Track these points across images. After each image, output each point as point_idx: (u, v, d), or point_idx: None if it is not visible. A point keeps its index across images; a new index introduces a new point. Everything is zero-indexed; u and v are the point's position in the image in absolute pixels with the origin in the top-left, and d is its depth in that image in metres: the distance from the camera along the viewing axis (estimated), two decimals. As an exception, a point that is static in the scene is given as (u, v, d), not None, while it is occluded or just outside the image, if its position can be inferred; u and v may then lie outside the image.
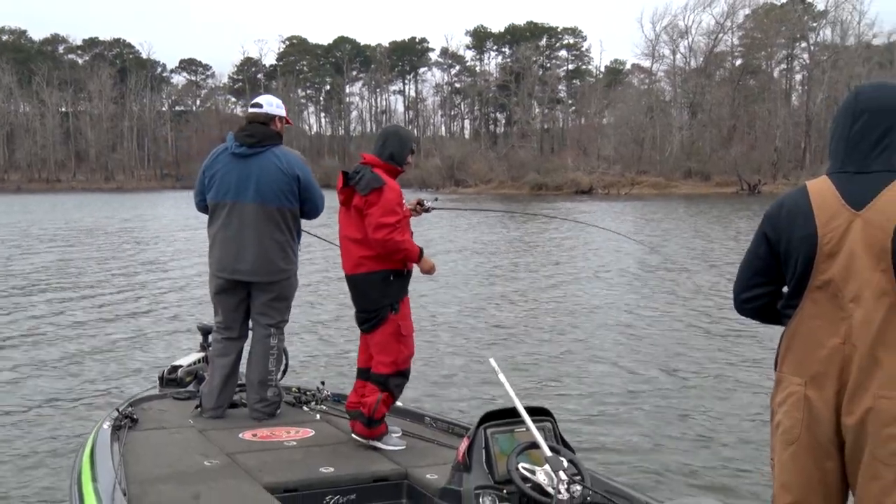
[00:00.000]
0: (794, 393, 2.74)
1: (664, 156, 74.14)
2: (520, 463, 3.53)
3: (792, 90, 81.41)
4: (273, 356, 5.30)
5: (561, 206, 46.40)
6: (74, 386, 8.60)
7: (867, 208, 2.62)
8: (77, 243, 26.00)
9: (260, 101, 5.39)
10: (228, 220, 5.20)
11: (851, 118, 2.73)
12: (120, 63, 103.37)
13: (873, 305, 2.60)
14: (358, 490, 4.18)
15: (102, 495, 3.68)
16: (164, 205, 52.95)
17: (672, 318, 12.56)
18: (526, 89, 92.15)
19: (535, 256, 22.00)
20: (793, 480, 2.76)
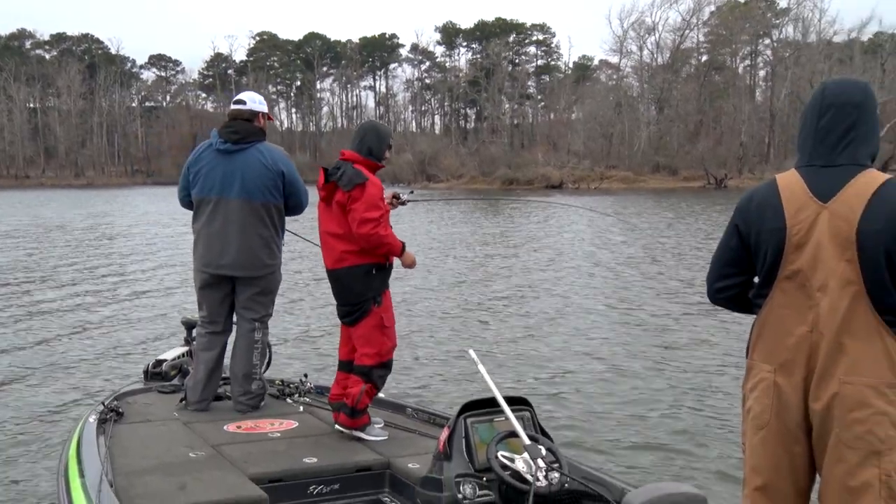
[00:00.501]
0: (764, 379, 2.81)
1: (632, 150, 74.42)
2: (499, 451, 3.56)
3: (756, 86, 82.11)
4: (257, 350, 5.32)
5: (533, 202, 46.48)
6: (59, 380, 8.53)
7: (833, 200, 2.68)
8: (54, 239, 25.65)
9: (243, 97, 5.38)
10: (213, 216, 5.20)
11: (818, 113, 2.80)
12: (89, 59, 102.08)
13: (839, 294, 2.67)
14: (341, 480, 4.21)
15: (89, 487, 3.67)
16: (136, 201, 52.41)
17: (646, 308, 12.65)
18: (496, 85, 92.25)
19: (508, 247, 22.05)
20: (763, 464, 2.83)
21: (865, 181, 2.67)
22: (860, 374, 2.65)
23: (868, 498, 2.65)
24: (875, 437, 2.64)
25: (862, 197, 2.64)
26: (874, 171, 2.71)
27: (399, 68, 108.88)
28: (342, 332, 4.90)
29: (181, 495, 3.69)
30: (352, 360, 4.82)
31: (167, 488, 3.76)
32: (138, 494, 3.68)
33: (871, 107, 2.79)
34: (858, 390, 2.64)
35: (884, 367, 2.65)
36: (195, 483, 3.83)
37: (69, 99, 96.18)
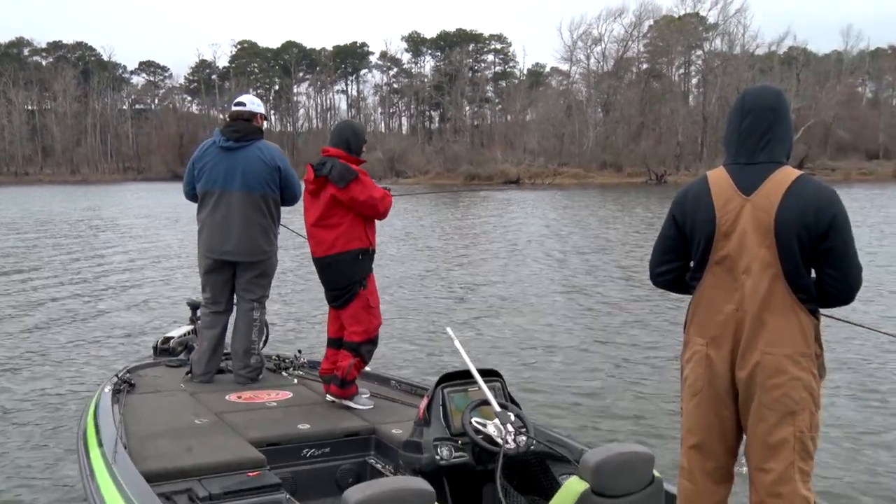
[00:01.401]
0: (698, 352, 2.89)
1: (582, 149, 74.52)
2: (473, 418, 3.62)
3: (689, 92, 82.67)
4: (256, 327, 5.35)
5: (493, 196, 46.35)
6: (77, 355, 8.55)
7: (755, 194, 2.77)
8: (62, 231, 25.22)
9: (243, 100, 5.39)
10: (217, 207, 5.21)
11: (740, 117, 2.86)
12: (83, 65, 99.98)
13: (760, 276, 2.75)
14: (331, 444, 4.25)
15: (106, 450, 3.70)
16: (129, 195, 51.52)
17: (598, 290, 12.77)
18: (458, 90, 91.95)
19: (472, 238, 22.07)
20: (696, 425, 2.92)
21: (782, 177, 2.76)
22: (778, 345, 2.74)
23: (785, 452, 2.75)
24: (790, 400, 2.74)
25: (779, 191, 2.74)
26: (789, 168, 2.80)
27: (369, 74, 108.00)
28: (330, 313, 4.92)
29: (188, 457, 3.72)
30: (340, 338, 4.84)
31: (175, 451, 3.79)
32: (149, 456, 3.71)
33: (784, 110, 2.87)
34: (777, 360, 2.74)
35: (798, 339, 2.75)
36: (200, 446, 3.86)
37: (65, 102, 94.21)
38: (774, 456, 2.76)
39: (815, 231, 2.70)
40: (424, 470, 3.57)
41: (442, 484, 3.59)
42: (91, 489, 3.55)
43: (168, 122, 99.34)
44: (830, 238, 2.71)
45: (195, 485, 3.45)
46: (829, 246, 2.72)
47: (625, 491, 2.79)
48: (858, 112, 73.50)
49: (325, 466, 4.20)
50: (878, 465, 5.53)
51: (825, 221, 2.70)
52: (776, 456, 2.75)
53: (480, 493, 3.71)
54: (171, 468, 3.60)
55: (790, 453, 2.74)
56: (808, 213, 2.69)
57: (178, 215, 30.52)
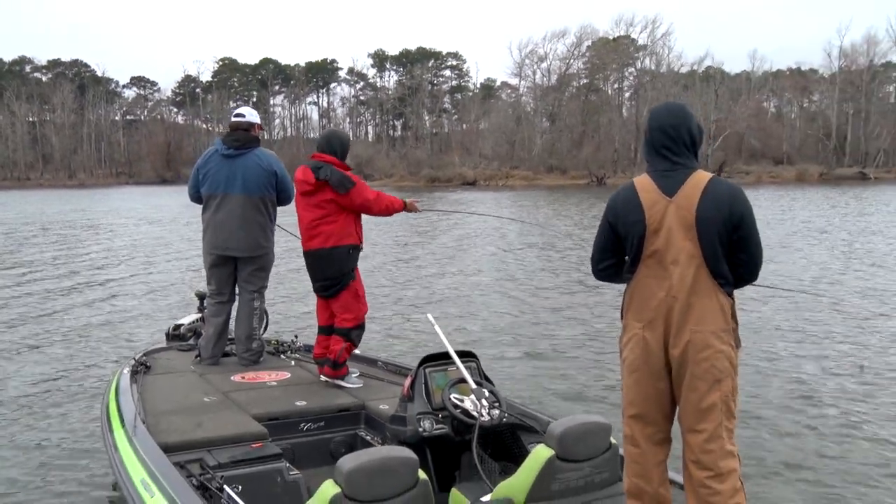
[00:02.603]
0: (636, 335, 2.94)
1: (531, 154, 74.72)
2: (451, 394, 3.66)
3: (623, 104, 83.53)
4: (256, 315, 5.34)
5: (452, 196, 46.29)
6: (98, 341, 8.52)
7: (676, 195, 2.85)
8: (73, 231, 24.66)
9: (242, 111, 5.36)
10: (219, 208, 5.19)
11: (659, 131, 2.93)
12: (79, 80, 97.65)
13: (686, 265, 2.84)
14: (326, 418, 4.27)
15: (126, 424, 3.73)
16: (123, 198, 50.43)
17: (555, 283, 12.83)
18: (420, 101, 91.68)
19: (438, 239, 21.91)
20: (636, 398, 2.97)
21: (697, 179, 2.86)
22: (704, 324, 2.82)
23: (714, 414, 2.84)
24: (716, 370, 2.83)
25: (696, 191, 2.83)
26: (702, 171, 2.90)
27: (338, 87, 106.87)
28: (319, 302, 4.91)
29: (199, 430, 3.73)
30: (331, 325, 4.85)
31: (187, 425, 3.80)
32: (165, 430, 3.71)
33: (690, 122, 2.94)
34: (704, 336, 2.82)
35: (720, 318, 2.84)
36: (210, 421, 3.87)
37: (63, 114, 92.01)
38: (705, 418, 2.84)
39: (729, 223, 2.82)
40: (409, 441, 3.59)
41: (425, 453, 3.63)
42: (115, 459, 3.57)
43: (156, 132, 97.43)
44: (742, 228, 2.84)
45: (206, 455, 3.47)
46: (741, 235, 2.85)
47: (585, 456, 2.87)
48: (765, 124, 75.26)
49: (320, 438, 4.21)
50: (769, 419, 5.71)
51: (738, 214, 2.82)
52: (707, 418, 2.84)
53: (459, 460, 3.74)
54: (184, 440, 3.61)
55: (718, 415, 2.84)
56: (723, 208, 2.81)
57: (175, 216, 30.21)
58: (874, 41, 75.40)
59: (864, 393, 6.49)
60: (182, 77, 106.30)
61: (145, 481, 3.17)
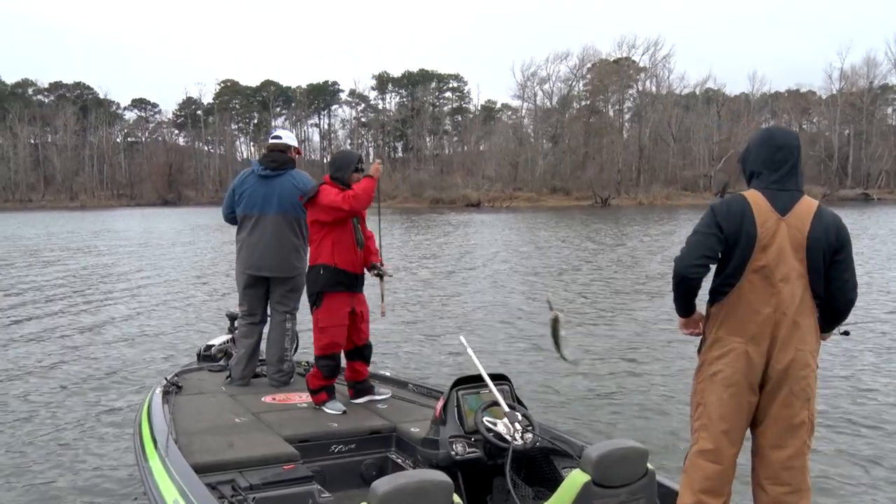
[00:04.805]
0: (735, 349, 2.95)
1: (534, 176, 75.01)
2: (484, 417, 3.62)
3: (623, 126, 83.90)
4: (288, 336, 5.33)
5: (457, 218, 46.10)
6: (131, 362, 8.53)
7: (789, 215, 2.93)
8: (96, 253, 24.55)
9: (280, 133, 5.40)
10: (255, 229, 5.20)
11: (773, 149, 3.00)
12: (81, 102, 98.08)
13: (795, 284, 2.91)
14: (357, 440, 4.23)
15: (159, 444, 3.71)
16: (128, 220, 50.37)
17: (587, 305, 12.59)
18: (422, 123, 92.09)
19: (455, 258, 21.48)
20: (729, 412, 2.97)
21: (808, 203, 2.97)
22: (806, 343, 2.92)
23: (802, 431, 2.94)
24: (810, 388, 2.93)
25: (808, 214, 2.94)
26: (808, 196, 2.99)
27: (339, 109, 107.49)
28: None
29: (230, 451, 3.72)
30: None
31: (219, 446, 3.80)
32: (196, 450, 3.71)
33: (800, 149, 3.07)
34: (805, 355, 2.91)
35: (815, 337, 2.96)
36: (241, 442, 3.86)
37: (65, 135, 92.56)
38: (794, 435, 2.94)
39: (834, 247, 2.96)
40: (441, 464, 3.55)
41: (457, 477, 3.57)
42: (148, 479, 3.56)
43: (157, 154, 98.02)
44: (842, 252, 2.98)
45: (237, 476, 3.47)
46: (842, 258, 2.98)
47: (622, 482, 2.82)
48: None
49: (351, 461, 4.18)
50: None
51: (842, 240, 2.98)
52: (795, 434, 2.94)
53: (491, 484, 3.72)
54: (216, 461, 3.60)
55: (805, 433, 2.96)
56: (831, 233, 2.95)
57: (192, 239, 30.13)
58: (874, 63, 76.37)
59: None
60: (184, 99, 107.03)
61: (178, 502, 3.17)
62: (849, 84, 77.35)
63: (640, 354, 8.66)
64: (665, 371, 7.87)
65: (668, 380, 7.50)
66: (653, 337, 9.55)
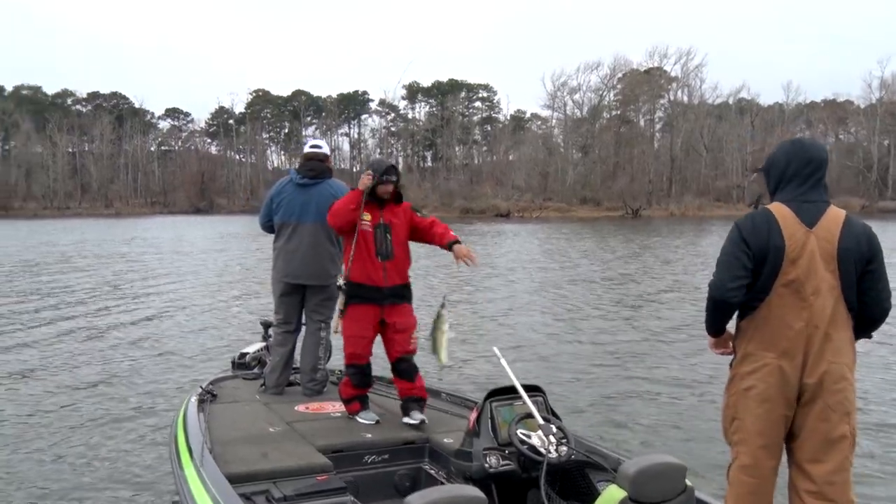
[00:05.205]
0: (768, 364, 2.92)
1: (564, 186, 74.77)
2: (518, 429, 3.57)
3: (654, 136, 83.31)
4: (322, 345, 5.33)
5: (486, 228, 45.95)
6: (166, 369, 8.63)
7: (817, 227, 2.89)
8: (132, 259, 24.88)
9: (318, 143, 5.44)
10: (292, 237, 5.23)
11: (804, 163, 2.98)
12: (117, 112, 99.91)
13: (827, 296, 2.86)
14: (390, 451, 4.21)
15: (193, 452, 3.72)
16: (161, 227, 50.93)
17: (621, 316, 12.55)
18: (453, 133, 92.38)
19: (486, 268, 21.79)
20: (767, 427, 2.95)
21: (836, 214, 2.94)
22: (840, 356, 2.87)
23: (843, 445, 2.90)
24: (848, 402, 2.88)
25: (837, 225, 2.91)
26: (835, 207, 2.96)
27: (369, 118, 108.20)
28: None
29: (264, 461, 3.72)
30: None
31: (253, 456, 3.79)
32: (231, 460, 3.71)
33: (827, 158, 3.05)
34: (840, 368, 2.87)
35: (850, 350, 2.92)
36: (275, 452, 3.86)
37: (101, 144, 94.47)
38: (834, 448, 2.90)
39: (866, 256, 2.93)
40: (475, 476, 3.52)
41: (490, 490, 3.54)
42: (183, 488, 3.56)
43: (190, 162, 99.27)
44: (874, 262, 2.96)
45: (271, 487, 3.45)
46: (874, 268, 2.96)
47: (660, 498, 2.74)
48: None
49: (385, 471, 4.15)
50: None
51: (874, 250, 2.95)
52: (836, 448, 2.90)
53: (525, 498, 3.65)
54: (250, 471, 3.60)
55: (846, 447, 2.92)
56: (862, 242, 2.92)
57: (224, 247, 30.39)
58: (916, 72, 74.76)
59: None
60: (216, 108, 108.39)
61: None
62: (889, 93, 75.99)
63: (675, 367, 8.57)
64: (701, 384, 7.78)
65: (705, 394, 7.41)
66: (688, 350, 9.44)
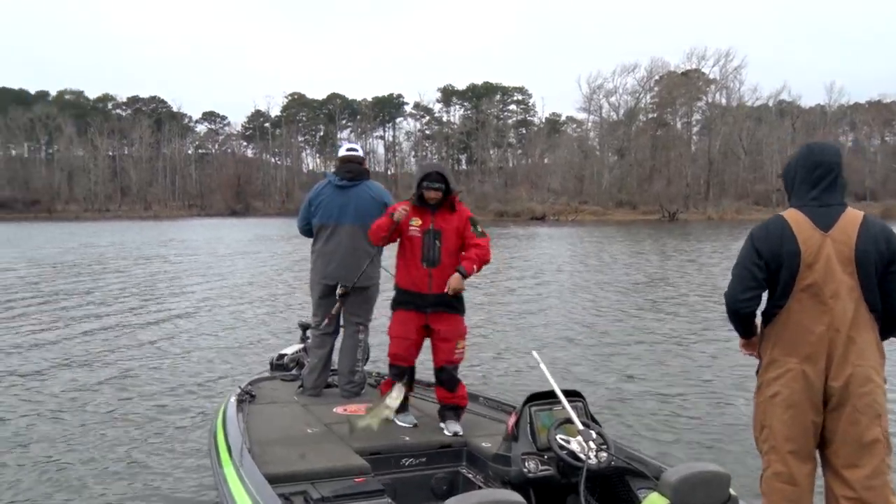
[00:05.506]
0: (791, 369, 2.95)
1: (600, 189, 74.39)
2: (558, 434, 3.54)
3: (691, 139, 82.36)
4: (360, 348, 5.35)
5: (521, 231, 46.00)
6: (205, 369, 8.73)
7: (832, 230, 2.91)
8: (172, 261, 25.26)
9: (353, 146, 5.48)
10: (331, 238, 5.26)
11: (812, 167, 3.01)
12: (156, 115, 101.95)
13: (847, 299, 2.88)
14: (428, 454, 4.21)
15: (234, 454, 3.75)
16: (199, 230, 51.65)
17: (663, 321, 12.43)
18: (487, 136, 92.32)
19: (519, 272, 21.62)
20: (794, 433, 2.97)
21: (852, 216, 2.93)
22: (865, 358, 2.90)
23: (877, 449, 2.90)
24: (878, 404, 2.90)
25: (853, 227, 2.90)
26: (851, 209, 2.97)
27: (404, 121, 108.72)
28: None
29: (302, 462, 3.74)
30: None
31: (291, 456, 3.82)
32: (270, 460, 3.73)
33: (842, 161, 3.06)
34: (866, 370, 2.88)
35: (876, 352, 2.95)
36: (313, 453, 3.88)
37: (140, 148, 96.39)
38: (869, 453, 2.89)
39: (886, 257, 2.91)
40: (513, 481, 3.50)
41: (528, 495, 3.52)
42: (223, 487, 3.60)
43: (227, 165, 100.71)
44: (895, 264, 2.93)
45: (309, 488, 3.48)
46: (894, 270, 2.93)
47: None
48: (845, 159, 73.01)
49: (422, 475, 4.15)
50: None
51: (893, 248, 2.92)
52: (870, 452, 2.89)
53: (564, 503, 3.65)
54: (288, 472, 3.62)
55: (881, 450, 2.91)
56: (880, 244, 2.90)
57: (260, 249, 30.62)
58: (966, 71, 72.89)
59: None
60: (252, 112, 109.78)
61: None
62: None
63: (716, 374, 8.43)
64: (741, 391, 7.63)
65: (750, 400, 7.24)
66: (726, 356, 9.25)
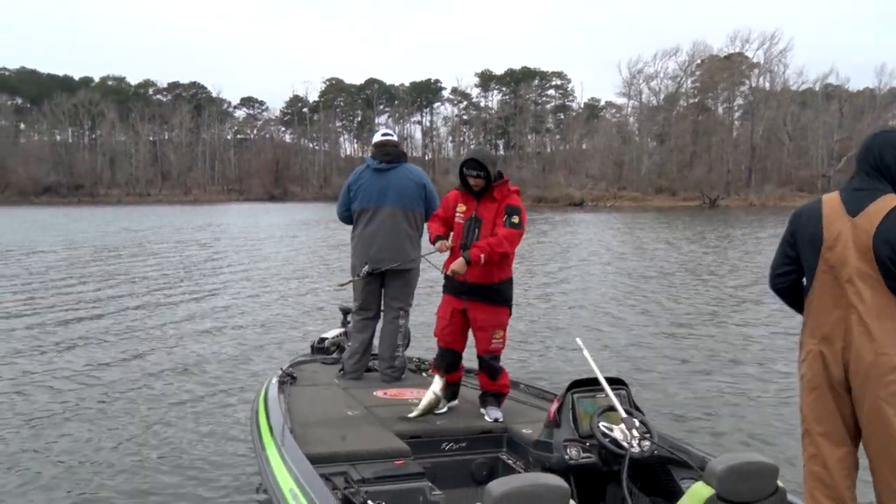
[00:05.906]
0: (812, 350, 2.98)
1: (639, 175, 73.46)
2: (600, 422, 3.52)
3: (733, 124, 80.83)
4: (400, 332, 5.38)
5: (559, 217, 45.44)
6: (247, 351, 8.88)
7: (859, 216, 2.85)
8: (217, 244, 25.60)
9: (388, 131, 5.52)
10: (371, 221, 5.28)
11: (861, 152, 3.00)
12: (195, 101, 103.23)
13: (863, 286, 2.84)
14: (468, 439, 4.22)
15: (275, 433, 3.82)
16: (238, 214, 52.22)
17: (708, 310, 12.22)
18: (525, 121, 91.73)
19: (564, 260, 21.27)
20: (821, 415, 2.97)
21: (884, 203, 2.85)
22: (887, 346, 2.79)
23: None
24: None
25: (878, 215, 2.83)
26: (890, 196, 2.86)
27: (441, 107, 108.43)
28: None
29: (343, 444, 3.78)
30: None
31: (332, 438, 3.86)
32: (311, 441, 3.78)
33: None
34: (889, 359, 2.78)
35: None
36: (353, 435, 3.92)
37: (180, 133, 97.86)
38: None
39: None
40: (554, 468, 3.47)
41: (569, 481, 3.38)
42: (265, 467, 3.67)
43: (265, 150, 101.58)
44: None
45: (350, 469, 3.51)
46: None
47: (750, 498, 2.65)
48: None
49: (462, 459, 4.16)
50: None
51: None
52: None
53: (605, 492, 3.63)
54: (330, 453, 3.66)
55: None
56: None
57: (298, 234, 30.91)
58: None
59: None
60: (290, 97, 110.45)
61: (293, 491, 3.24)
62: None
63: (762, 363, 8.30)
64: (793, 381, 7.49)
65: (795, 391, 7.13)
66: (777, 345, 9.14)
